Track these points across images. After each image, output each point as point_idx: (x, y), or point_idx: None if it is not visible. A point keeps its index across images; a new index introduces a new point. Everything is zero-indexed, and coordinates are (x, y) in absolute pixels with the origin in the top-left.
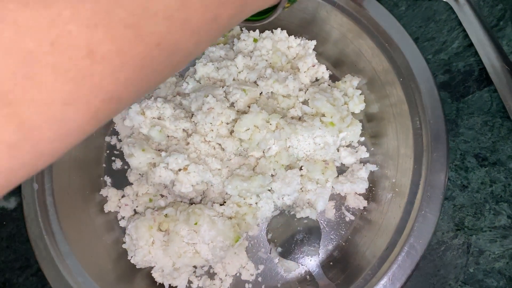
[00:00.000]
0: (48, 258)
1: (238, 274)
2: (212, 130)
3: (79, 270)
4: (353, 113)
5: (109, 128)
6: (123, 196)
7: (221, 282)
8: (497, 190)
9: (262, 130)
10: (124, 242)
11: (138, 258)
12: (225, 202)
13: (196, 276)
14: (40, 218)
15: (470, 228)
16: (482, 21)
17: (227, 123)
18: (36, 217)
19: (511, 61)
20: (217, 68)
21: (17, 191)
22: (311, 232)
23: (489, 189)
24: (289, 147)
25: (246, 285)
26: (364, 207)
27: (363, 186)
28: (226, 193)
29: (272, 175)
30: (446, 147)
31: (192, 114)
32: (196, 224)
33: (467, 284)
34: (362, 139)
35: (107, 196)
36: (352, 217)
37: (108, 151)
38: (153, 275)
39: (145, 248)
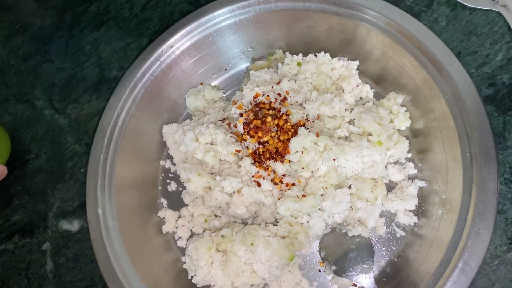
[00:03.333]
0: (115, 279)
1: None
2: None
3: None
4: (398, 130)
5: (163, 152)
6: (179, 217)
7: None
8: None
9: (310, 151)
10: (184, 262)
11: (199, 278)
12: (277, 221)
13: None
14: (105, 241)
15: None
16: None
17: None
18: (101, 240)
19: None
20: (263, 92)
21: (78, 214)
22: (364, 250)
23: None
24: (337, 166)
25: None
26: (415, 223)
27: (412, 203)
28: (278, 213)
29: (321, 194)
30: (496, 163)
31: (242, 138)
32: (252, 244)
33: None
34: (409, 155)
35: (164, 218)
36: (403, 233)
37: (163, 174)
38: None
39: (205, 268)
